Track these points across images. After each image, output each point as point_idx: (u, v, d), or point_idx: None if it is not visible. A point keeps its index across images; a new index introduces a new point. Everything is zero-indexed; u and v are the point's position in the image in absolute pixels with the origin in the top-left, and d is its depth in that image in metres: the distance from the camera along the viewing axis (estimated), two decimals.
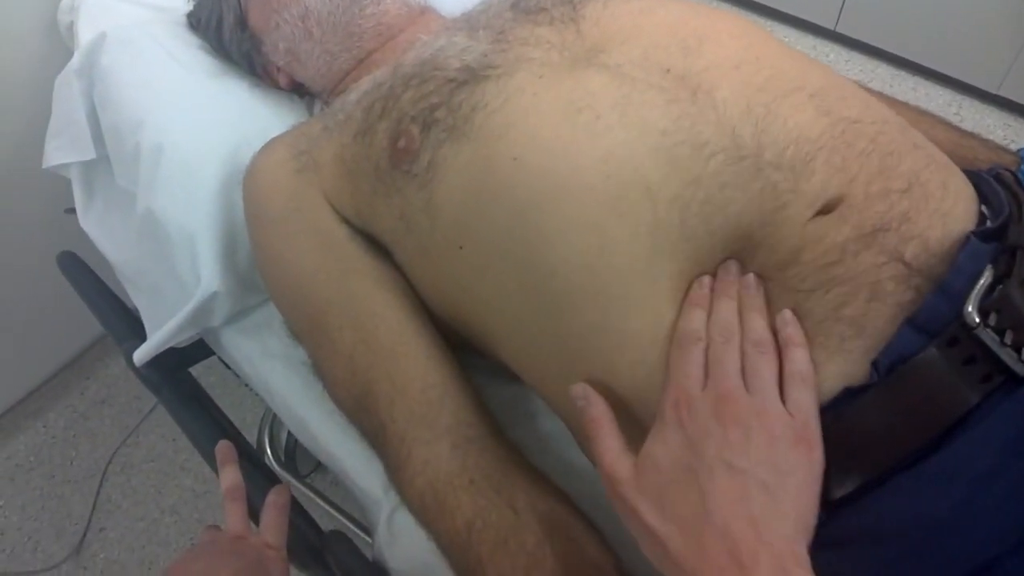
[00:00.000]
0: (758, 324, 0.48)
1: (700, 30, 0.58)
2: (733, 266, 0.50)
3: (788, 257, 0.48)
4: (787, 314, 0.48)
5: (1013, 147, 2.06)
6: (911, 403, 0.45)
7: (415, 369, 0.60)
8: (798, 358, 0.46)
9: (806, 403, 0.45)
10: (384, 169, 0.61)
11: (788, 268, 0.48)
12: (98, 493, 1.39)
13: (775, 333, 0.48)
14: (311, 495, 1.15)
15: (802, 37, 2.18)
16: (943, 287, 0.46)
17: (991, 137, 2.05)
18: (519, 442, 0.62)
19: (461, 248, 0.57)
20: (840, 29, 2.08)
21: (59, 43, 1.10)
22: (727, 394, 0.45)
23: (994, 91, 1.89)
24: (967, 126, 0.73)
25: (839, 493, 0.45)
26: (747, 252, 0.50)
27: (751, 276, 0.50)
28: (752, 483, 0.41)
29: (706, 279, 0.50)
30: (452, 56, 0.62)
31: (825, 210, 0.49)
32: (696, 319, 0.49)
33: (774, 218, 0.49)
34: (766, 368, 0.46)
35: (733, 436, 0.43)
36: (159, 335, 0.79)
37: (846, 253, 0.48)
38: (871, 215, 0.48)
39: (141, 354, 0.80)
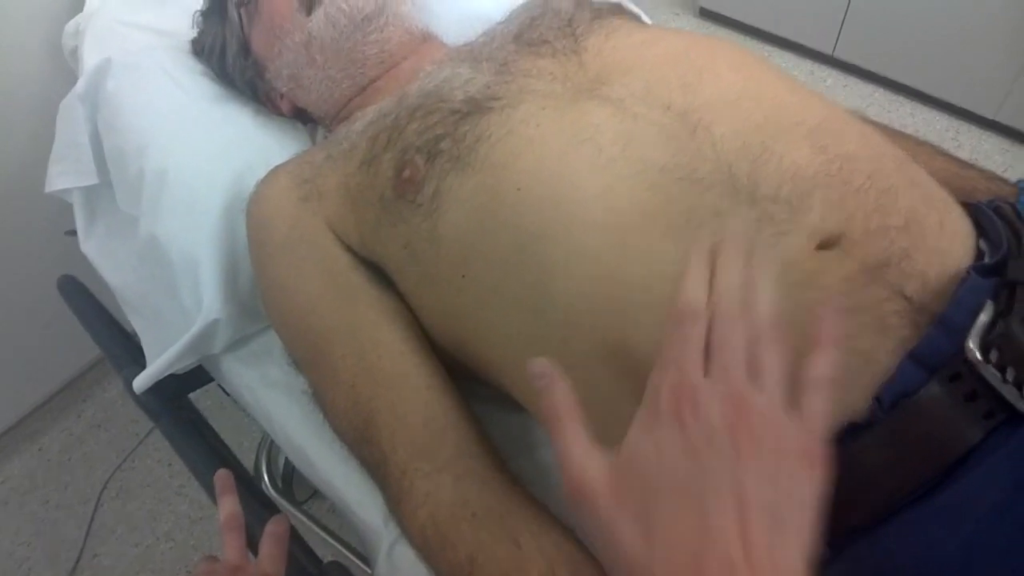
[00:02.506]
0: (765, 309, 0.41)
1: (700, 63, 0.59)
2: (736, 224, 0.45)
3: (805, 279, 0.47)
4: (826, 310, 0.42)
5: (1011, 172, 2.07)
6: (914, 439, 0.44)
7: (417, 400, 0.59)
8: (820, 361, 0.40)
9: (821, 414, 0.39)
10: (389, 199, 0.61)
11: (807, 289, 0.47)
12: (92, 518, 1.38)
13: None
14: (308, 523, 1.14)
15: (800, 62, 2.20)
16: (944, 321, 0.46)
17: (989, 163, 2.08)
18: (521, 473, 0.61)
19: (464, 277, 0.57)
20: (838, 55, 2.10)
21: (63, 67, 1.11)
22: (739, 395, 0.38)
23: (991, 117, 1.90)
24: (965, 152, 0.73)
25: (843, 529, 0.44)
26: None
27: (758, 250, 0.43)
28: (761, 504, 0.35)
29: (710, 244, 0.44)
30: (456, 88, 0.63)
31: (826, 245, 0.49)
32: (697, 287, 0.41)
33: (777, 241, 0.49)
34: (777, 364, 0.39)
35: (745, 448, 0.36)
36: (159, 362, 0.78)
37: (855, 284, 0.47)
38: (873, 251, 0.48)
39: (141, 381, 0.80)
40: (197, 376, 0.87)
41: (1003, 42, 1.77)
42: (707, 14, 2.36)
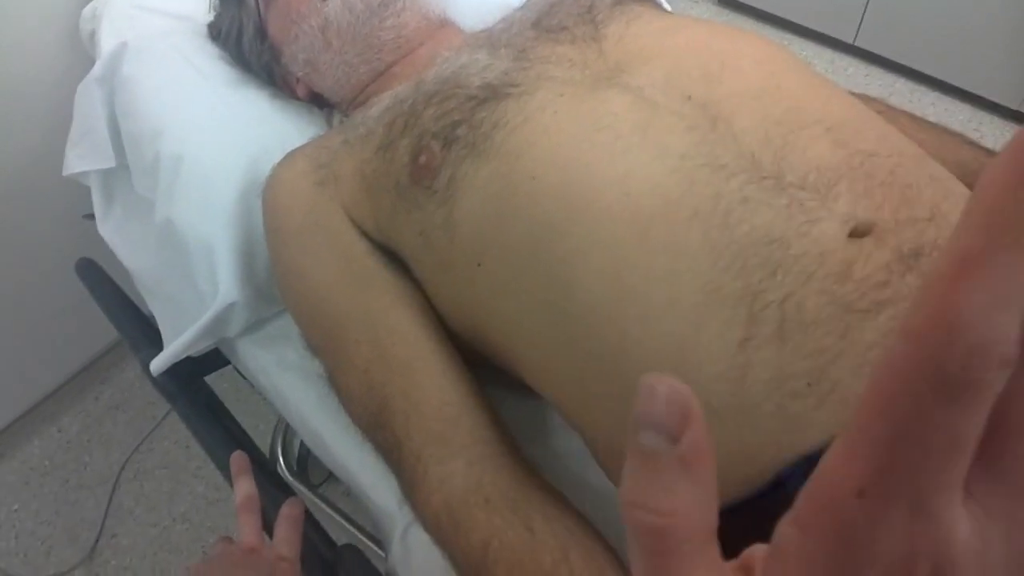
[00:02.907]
0: None
1: (723, 54, 0.58)
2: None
3: (841, 269, 0.46)
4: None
5: None
6: None
7: (431, 386, 0.59)
8: None
9: None
10: (404, 185, 0.61)
11: (844, 282, 0.46)
12: (111, 499, 1.40)
13: None
14: (323, 506, 1.15)
15: (821, 51, 2.17)
16: None
17: None
18: (536, 460, 0.61)
19: (480, 265, 0.57)
20: (859, 43, 2.07)
21: (80, 51, 1.12)
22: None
23: (1016, 107, 1.87)
24: (987, 144, 0.72)
25: None
26: (789, 261, 0.47)
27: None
28: None
29: None
30: (474, 74, 0.62)
31: (858, 233, 0.48)
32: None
33: (810, 229, 0.47)
34: None
35: None
36: (176, 345, 0.79)
37: (893, 274, 0.46)
38: (906, 239, 0.47)
39: (158, 363, 0.80)
40: (214, 359, 0.88)
41: None
42: (727, 2, 2.33)
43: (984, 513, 0.16)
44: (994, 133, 1.91)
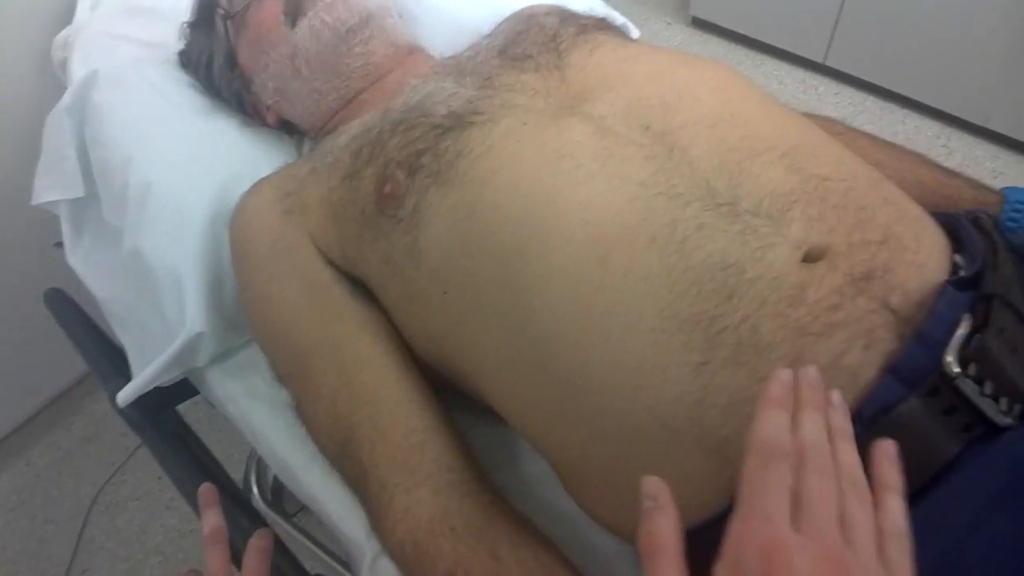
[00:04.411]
0: (852, 459, 0.40)
1: (681, 83, 0.59)
2: (814, 371, 0.43)
3: (794, 293, 0.47)
4: (888, 447, 0.40)
5: (1002, 179, 2.07)
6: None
7: (397, 414, 0.59)
8: (896, 508, 0.38)
9: (904, 568, 0.36)
10: (370, 214, 0.61)
11: (798, 306, 0.47)
12: (81, 533, 1.37)
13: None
14: (297, 535, 1.13)
15: (792, 70, 2.20)
16: (922, 336, 0.46)
17: (980, 169, 2.06)
18: (504, 486, 0.61)
19: (445, 293, 0.57)
20: (829, 63, 2.10)
21: (53, 78, 1.11)
22: (837, 557, 0.35)
23: (982, 124, 1.90)
24: (956, 158, 0.73)
25: None
26: (744, 286, 0.48)
27: (836, 395, 0.42)
28: None
29: (786, 374, 0.42)
30: (439, 102, 0.63)
31: (811, 257, 0.49)
32: (779, 427, 0.39)
33: (764, 255, 0.48)
34: (866, 522, 0.37)
35: None
36: (143, 376, 0.78)
37: (844, 297, 0.47)
38: (858, 262, 0.48)
39: (124, 395, 0.79)
40: (183, 388, 0.87)
41: (993, 50, 1.78)
42: (699, 23, 2.37)
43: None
44: (962, 149, 1.95)
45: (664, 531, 0.38)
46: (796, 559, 0.34)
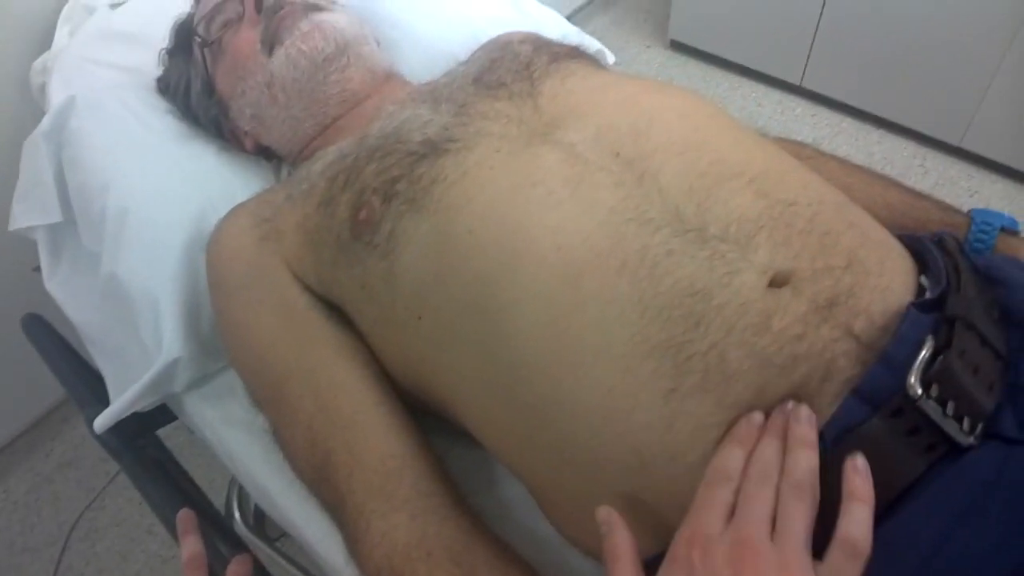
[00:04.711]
0: (804, 463, 0.43)
1: (651, 109, 0.60)
2: (790, 405, 0.46)
3: (760, 320, 0.48)
4: (858, 461, 0.43)
5: (977, 197, 2.08)
6: None
7: (374, 439, 0.59)
8: (859, 518, 0.41)
9: (848, 573, 0.40)
10: (345, 240, 0.62)
11: (763, 334, 0.48)
12: (60, 561, 1.35)
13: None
14: (280, 559, 1.12)
15: (769, 92, 2.24)
16: (886, 358, 0.47)
17: (956, 188, 2.09)
18: (482, 509, 0.61)
19: (420, 318, 0.58)
20: (806, 84, 2.14)
21: (31, 104, 1.11)
22: (746, 541, 0.41)
23: (957, 143, 1.94)
24: (932, 178, 0.75)
25: None
26: (712, 312, 0.49)
27: (804, 409, 0.46)
28: None
29: (757, 416, 0.46)
30: (415, 129, 0.64)
31: (777, 282, 0.50)
32: (732, 457, 0.45)
33: (731, 280, 0.49)
34: (800, 516, 0.41)
35: None
36: (119, 403, 0.77)
37: (808, 326, 0.48)
38: (822, 288, 0.49)
39: (101, 421, 0.79)
40: (162, 414, 0.86)
41: (967, 71, 1.81)
42: (678, 46, 2.40)
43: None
44: (937, 168, 1.98)
45: (620, 543, 0.46)
46: (712, 545, 0.41)
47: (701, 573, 0.40)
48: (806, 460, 0.43)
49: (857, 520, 0.41)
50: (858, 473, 0.42)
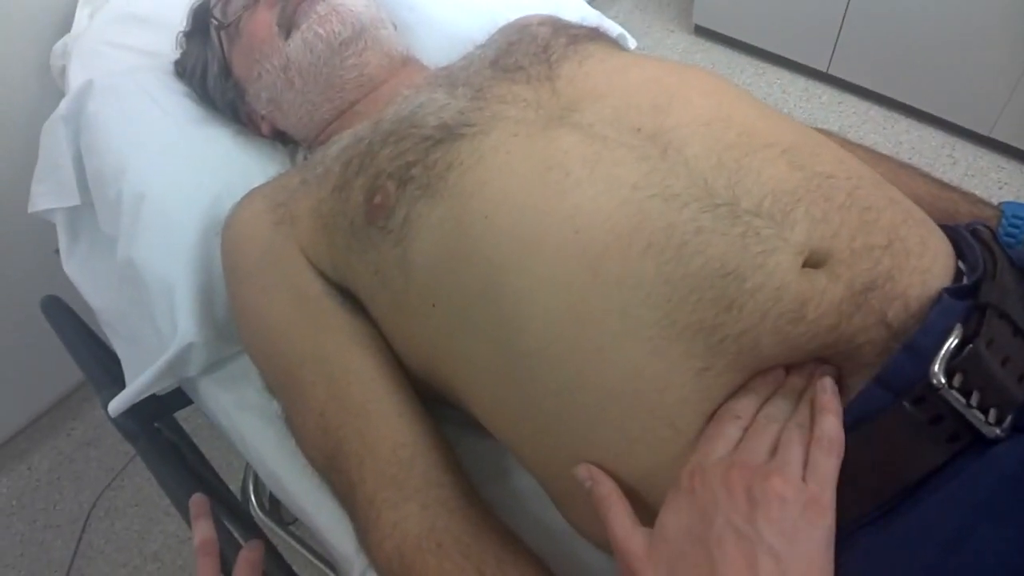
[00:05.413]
0: (832, 426, 0.45)
1: (671, 89, 0.58)
2: (830, 382, 0.47)
3: (794, 308, 0.47)
4: (827, 382, 0.46)
5: (1007, 189, 2.04)
6: (873, 459, 0.44)
7: (386, 428, 0.59)
8: (829, 424, 0.44)
9: (825, 469, 0.43)
10: (359, 225, 0.61)
11: (798, 324, 0.47)
12: (80, 538, 1.37)
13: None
14: (294, 543, 1.13)
15: (795, 79, 2.20)
16: (911, 345, 0.45)
17: (985, 179, 2.04)
18: (493, 500, 0.60)
19: (434, 306, 0.57)
20: (832, 71, 2.10)
21: (52, 87, 1.12)
22: (743, 461, 0.43)
23: (987, 133, 1.89)
24: (960, 168, 0.72)
25: None
26: (744, 296, 0.47)
27: (829, 380, 0.47)
28: (761, 550, 0.40)
29: (778, 371, 0.49)
30: (430, 113, 0.62)
31: (813, 263, 0.48)
32: (746, 402, 0.47)
33: (764, 261, 0.47)
34: (798, 441, 0.44)
35: (740, 501, 0.42)
36: (134, 385, 0.78)
37: (842, 316, 0.47)
38: (860, 272, 0.48)
39: (117, 404, 0.79)
40: (178, 398, 0.87)
41: (998, 59, 1.76)
42: (702, 31, 2.36)
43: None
44: (967, 158, 1.93)
45: (610, 491, 0.48)
46: (709, 471, 0.44)
47: (701, 495, 0.43)
48: (832, 424, 0.44)
49: (829, 423, 0.44)
50: (826, 391, 0.46)
